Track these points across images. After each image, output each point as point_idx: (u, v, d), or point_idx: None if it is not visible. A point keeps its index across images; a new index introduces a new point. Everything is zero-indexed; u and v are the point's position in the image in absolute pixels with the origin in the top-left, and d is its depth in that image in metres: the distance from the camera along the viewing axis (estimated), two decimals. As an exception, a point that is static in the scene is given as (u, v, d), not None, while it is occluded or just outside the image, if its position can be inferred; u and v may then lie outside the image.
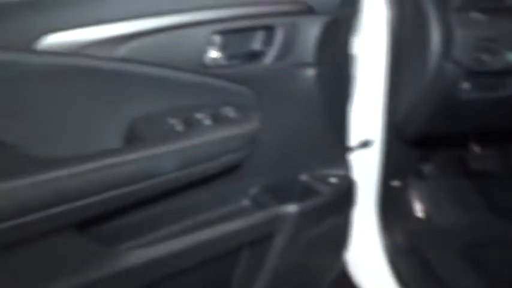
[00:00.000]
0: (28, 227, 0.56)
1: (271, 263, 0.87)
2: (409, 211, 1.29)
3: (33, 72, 0.61)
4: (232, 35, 0.77)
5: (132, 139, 0.69)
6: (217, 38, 0.75)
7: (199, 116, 0.73)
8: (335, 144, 0.96)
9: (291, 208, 0.86)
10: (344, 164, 0.98)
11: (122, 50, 0.66)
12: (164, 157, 0.65)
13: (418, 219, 1.30)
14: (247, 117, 0.75)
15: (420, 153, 1.26)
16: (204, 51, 0.73)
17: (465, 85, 1.01)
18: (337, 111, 0.94)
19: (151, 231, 0.77)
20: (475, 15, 0.97)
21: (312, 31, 0.80)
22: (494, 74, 1.00)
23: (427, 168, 1.29)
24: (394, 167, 1.20)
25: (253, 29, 0.79)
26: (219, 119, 0.73)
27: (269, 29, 0.79)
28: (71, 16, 0.62)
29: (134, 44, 0.67)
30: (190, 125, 0.71)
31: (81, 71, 0.64)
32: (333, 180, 0.95)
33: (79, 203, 0.59)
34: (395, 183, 1.24)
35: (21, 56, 0.60)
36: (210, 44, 0.74)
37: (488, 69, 0.97)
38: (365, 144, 1.13)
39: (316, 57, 0.82)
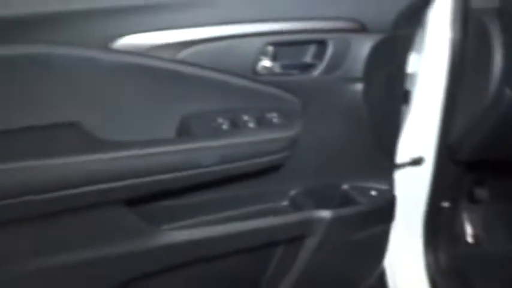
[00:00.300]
0: (87, 196, 0.67)
1: (301, 263, 0.92)
2: (458, 234, 1.26)
3: (106, 67, 0.72)
4: (286, 47, 0.83)
5: (183, 132, 0.77)
6: (270, 48, 0.81)
7: (245, 117, 0.80)
8: (380, 158, 0.98)
9: (326, 213, 0.90)
10: (387, 179, 1.00)
11: (183, 54, 0.75)
12: (207, 151, 0.73)
13: (467, 243, 1.27)
14: (289, 123, 0.81)
15: (474, 176, 1.23)
16: (257, 60, 0.80)
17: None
18: (384, 127, 0.96)
19: (193, 216, 0.86)
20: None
21: (362, 48, 0.83)
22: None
23: (481, 192, 1.25)
24: (445, 188, 1.19)
25: (306, 43, 0.84)
26: (262, 123, 0.80)
27: (321, 43, 0.83)
28: (142, 22, 0.72)
29: (195, 49, 0.75)
30: (236, 125, 0.78)
31: (146, 70, 0.73)
32: (373, 193, 0.98)
33: (129, 182, 0.69)
34: (446, 204, 1.23)
35: (97, 53, 0.71)
36: (264, 53, 0.80)
37: None
38: (416, 161, 1.13)
39: (364, 73, 0.85)
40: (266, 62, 0.81)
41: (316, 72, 0.84)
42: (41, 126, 0.70)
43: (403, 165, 1.12)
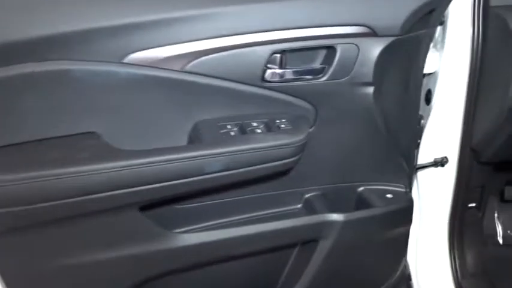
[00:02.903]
0: (103, 201, 0.72)
1: (315, 266, 0.93)
2: (486, 234, 1.23)
3: (121, 79, 0.76)
4: (294, 53, 0.84)
5: (195, 139, 0.81)
6: (279, 55, 0.83)
7: (254, 124, 0.82)
8: (396, 161, 0.98)
9: (339, 216, 0.91)
10: (405, 181, 1.00)
11: (192, 64, 0.78)
12: (216, 157, 0.76)
13: (496, 243, 1.23)
14: (298, 129, 0.82)
15: (504, 176, 1.19)
16: (265, 67, 0.82)
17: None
18: (400, 129, 0.96)
19: (208, 220, 0.89)
20: None
21: (371, 52, 0.83)
22: None
23: (510, 192, 1.21)
24: (471, 188, 1.16)
25: (314, 49, 0.85)
26: (271, 129, 0.82)
27: (330, 49, 0.84)
28: (152, 37, 0.76)
29: (203, 59, 0.78)
30: (244, 131, 0.81)
31: (158, 81, 0.77)
32: (389, 195, 0.97)
33: (144, 188, 0.74)
34: (472, 204, 1.20)
35: (112, 66, 0.75)
36: (272, 60, 0.82)
37: None
38: (440, 162, 1.11)
39: (374, 77, 0.85)
40: (275, 69, 0.83)
41: (325, 77, 0.85)
42: (63, 136, 0.76)
43: (426, 166, 1.10)
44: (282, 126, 0.83)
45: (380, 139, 0.93)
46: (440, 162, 1.11)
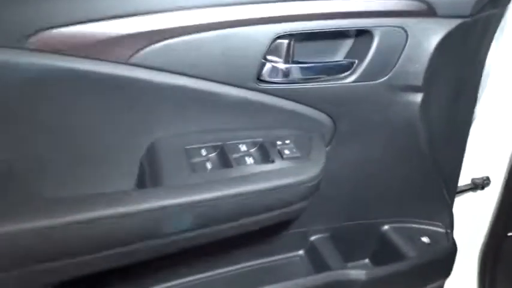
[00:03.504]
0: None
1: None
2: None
3: (24, 75, 0.45)
4: (306, 41, 0.54)
5: (148, 172, 0.51)
6: (285, 43, 0.53)
7: (242, 147, 0.53)
8: (437, 190, 0.70)
9: (357, 274, 0.64)
10: (445, 217, 0.73)
11: (145, 54, 0.48)
12: (180, 211, 0.47)
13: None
14: (310, 158, 0.54)
15: None
16: (262, 59, 0.52)
17: None
18: (446, 148, 0.68)
19: (186, 274, 0.62)
20: None
21: (427, 41, 0.54)
22: None
23: None
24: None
25: (337, 35, 0.55)
26: (268, 155, 0.53)
27: (363, 34, 0.54)
28: (74, 6, 0.45)
29: (161, 46, 0.48)
30: (227, 161, 0.52)
31: (85, 77, 0.47)
32: (424, 239, 0.70)
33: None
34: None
35: (10, 55, 0.44)
36: (274, 49, 0.52)
37: None
38: (480, 185, 0.85)
39: (426, 79, 0.56)
40: (277, 63, 0.53)
41: (353, 77, 0.55)
42: None
43: (463, 191, 0.84)
44: (286, 152, 0.54)
45: (419, 162, 0.66)
46: (481, 185, 0.85)
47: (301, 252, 0.69)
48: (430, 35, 0.54)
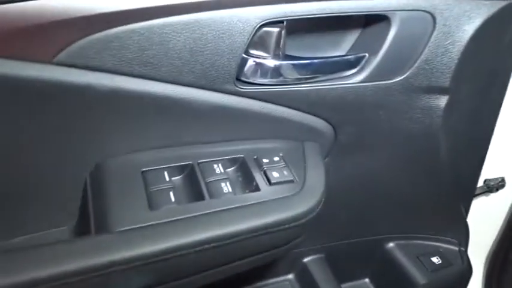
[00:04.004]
0: None
1: None
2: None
3: None
4: (300, 30, 0.41)
5: (92, 213, 0.38)
6: (274, 31, 0.39)
7: (217, 168, 0.41)
8: (451, 202, 0.59)
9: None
10: (459, 231, 0.63)
11: (73, 49, 0.34)
12: (137, 268, 0.34)
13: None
14: (305, 181, 0.42)
15: None
16: (244, 54, 0.39)
17: None
18: (466, 155, 0.57)
19: None
20: None
21: (460, 29, 0.41)
22: None
23: None
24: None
25: (342, 22, 0.42)
26: (250, 180, 0.41)
27: (377, 21, 0.41)
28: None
29: (98, 38, 0.34)
30: (197, 187, 0.39)
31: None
32: (434, 259, 0.60)
33: None
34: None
35: None
36: (258, 40, 0.39)
37: None
38: (495, 186, 0.75)
39: (455, 77, 0.44)
40: (263, 59, 0.40)
41: (361, 76, 0.43)
42: None
43: (476, 194, 0.74)
44: (274, 174, 0.41)
45: (434, 173, 0.55)
46: (496, 187, 0.75)
47: (290, 276, 0.59)
48: (465, 22, 0.41)
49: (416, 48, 0.42)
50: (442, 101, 0.46)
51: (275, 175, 0.41)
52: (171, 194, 0.38)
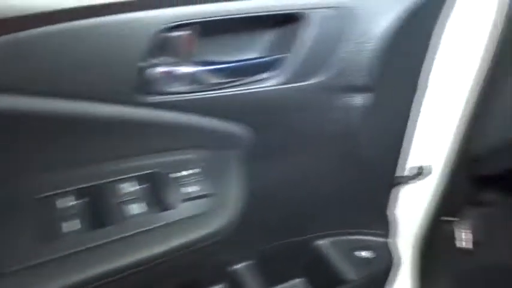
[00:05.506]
0: None
1: None
2: (458, 245, 0.97)
3: None
4: (211, 33, 0.38)
5: None
6: (176, 36, 0.36)
7: (123, 187, 0.37)
8: (370, 197, 0.60)
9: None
10: (384, 224, 0.63)
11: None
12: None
13: (468, 252, 0.99)
14: (222, 194, 0.39)
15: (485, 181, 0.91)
16: (144, 62, 0.35)
17: None
18: (389, 150, 0.57)
19: None
20: None
21: (377, 25, 0.40)
22: None
23: (489, 195, 0.95)
24: (450, 200, 0.85)
25: (255, 23, 0.39)
26: (163, 198, 0.37)
27: (288, 22, 0.39)
28: None
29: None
30: (101, 213, 0.35)
31: None
32: (363, 254, 0.60)
33: None
34: (447, 218, 0.90)
35: None
36: (160, 45, 0.35)
37: None
38: (418, 173, 0.76)
39: (377, 75, 0.43)
40: (168, 67, 0.36)
41: (276, 81, 0.40)
42: None
43: (404, 180, 0.75)
44: (189, 189, 0.38)
45: (355, 170, 0.55)
46: (418, 174, 0.77)
47: (220, 286, 0.56)
48: (380, 19, 0.40)
49: (332, 47, 0.40)
50: (364, 99, 0.44)
51: (190, 190, 0.38)
52: (72, 221, 0.34)
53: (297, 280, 0.63)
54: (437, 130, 0.73)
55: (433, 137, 0.75)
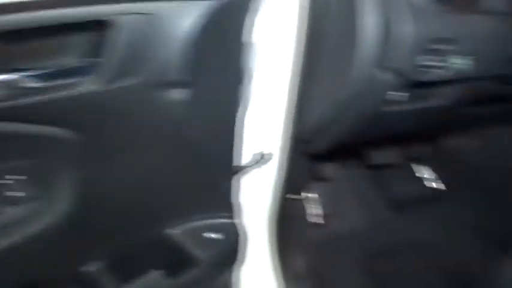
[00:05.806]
0: None
1: None
2: (308, 218, 1.08)
3: None
4: (18, 40, 0.39)
5: None
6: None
7: None
8: (210, 182, 0.66)
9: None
10: (227, 205, 0.69)
11: None
12: None
13: (318, 225, 1.10)
14: (47, 193, 0.41)
15: (325, 158, 1.03)
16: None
17: (395, 96, 0.74)
18: (216, 139, 0.63)
19: None
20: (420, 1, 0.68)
21: (180, 25, 0.45)
22: (432, 84, 0.75)
23: (328, 170, 1.09)
24: (294, 180, 0.95)
25: (63, 29, 0.42)
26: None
27: (97, 28, 0.42)
28: None
29: None
30: None
31: None
32: (211, 235, 0.66)
33: None
34: (294, 196, 1.01)
35: None
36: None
37: (432, 79, 0.70)
38: (260, 159, 0.84)
39: (190, 71, 0.48)
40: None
41: (96, 83, 0.43)
42: None
43: (249, 167, 0.82)
44: (15, 194, 0.39)
45: (191, 159, 0.59)
46: (260, 159, 0.86)
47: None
48: (185, 17, 0.45)
49: (143, 49, 0.44)
50: (183, 93, 0.49)
51: (16, 195, 0.39)
52: None
53: (157, 272, 0.67)
54: (272, 119, 0.81)
55: (271, 125, 0.83)
